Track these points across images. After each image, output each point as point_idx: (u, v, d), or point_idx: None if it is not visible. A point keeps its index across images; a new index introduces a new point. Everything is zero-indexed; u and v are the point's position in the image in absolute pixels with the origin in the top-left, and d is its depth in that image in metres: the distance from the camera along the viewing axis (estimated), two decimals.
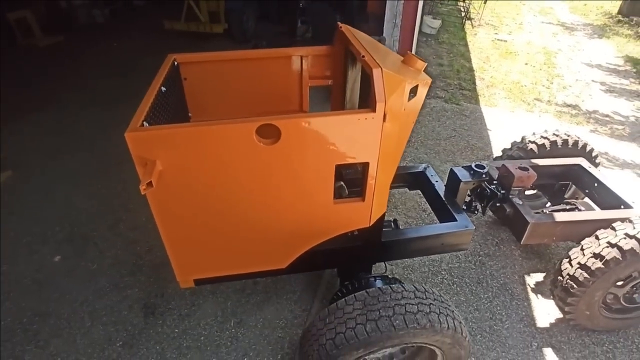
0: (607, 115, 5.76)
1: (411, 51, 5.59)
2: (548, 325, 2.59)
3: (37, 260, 2.92)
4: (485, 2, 9.65)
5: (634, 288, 2.33)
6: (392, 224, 2.53)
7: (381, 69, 1.47)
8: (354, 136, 1.53)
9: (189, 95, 2.24)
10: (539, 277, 2.94)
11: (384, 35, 5.32)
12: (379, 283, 2.10)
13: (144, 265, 2.89)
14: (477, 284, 2.86)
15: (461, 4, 10.56)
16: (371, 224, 1.88)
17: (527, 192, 3.36)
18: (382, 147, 1.59)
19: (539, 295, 2.78)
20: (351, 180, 2.33)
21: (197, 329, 2.49)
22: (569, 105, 5.93)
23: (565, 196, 3.04)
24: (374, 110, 1.47)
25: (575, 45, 8.84)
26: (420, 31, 8.68)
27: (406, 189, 3.00)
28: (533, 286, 2.86)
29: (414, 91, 1.70)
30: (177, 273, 1.84)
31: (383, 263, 2.56)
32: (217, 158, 1.49)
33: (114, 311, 2.58)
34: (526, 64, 7.45)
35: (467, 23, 9.77)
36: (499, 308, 2.69)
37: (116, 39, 7.97)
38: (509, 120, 5.36)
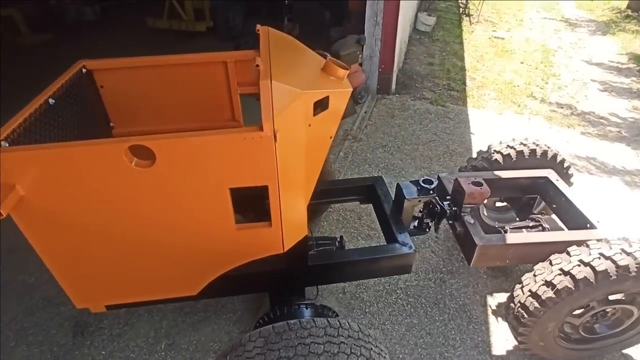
0: (602, 117, 5.46)
1: (394, 50, 5.37)
2: (504, 353, 2.38)
3: None
4: None
5: (594, 318, 2.12)
6: (336, 242, 2.36)
7: (270, 80, 1.29)
8: (244, 157, 1.35)
9: (109, 104, 2.08)
10: (502, 297, 2.73)
11: (364, 34, 5.09)
12: (304, 313, 1.92)
13: None
14: (434, 304, 2.67)
15: (460, 0, 10.24)
16: (287, 250, 1.70)
17: (498, 204, 3.15)
18: (280, 168, 1.41)
19: (499, 319, 2.58)
20: None
21: (126, 351, 2.34)
22: (562, 107, 5.64)
23: (535, 210, 2.82)
24: (261, 129, 1.29)
25: (576, 43, 8.47)
26: (414, 28, 8.43)
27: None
28: (494, 308, 2.65)
29: (324, 103, 1.52)
30: (73, 300, 1.69)
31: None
32: (88, 182, 1.33)
33: (42, 330, 2.45)
34: (522, 62, 7.14)
35: (465, 20, 9.45)
36: (453, 332, 2.49)
37: (103, 37, 7.88)
38: (495, 123, 5.11)
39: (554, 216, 2.59)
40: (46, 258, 1.50)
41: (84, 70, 1.88)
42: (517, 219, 2.87)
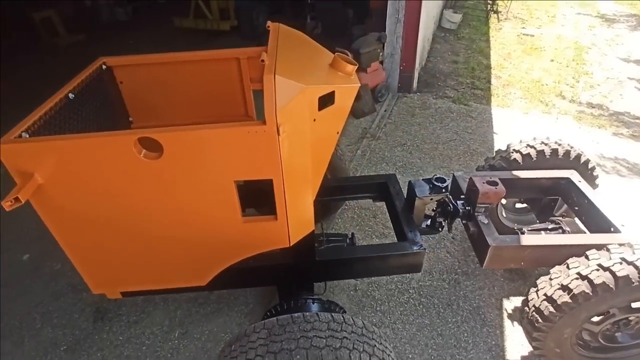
0: (637, 117, 5.18)
1: (416, 48, 5.29)
2: (519, 359, 2.31)
3: (6, 258, 2.98)
4: None
5: (616, 326, 2.02)
6: (347, 239, 2.35)
7: (273, 75, 1.30)
8: (248, 150, 1.38)
9: (128, 99, 2.16)
10: (518, 301, 2.64)
11: (385, 32, 5.04)
12: (311, 307, 1.93)
13: None
14: (447, 306, 2.62)
15: None
16: (294, 244, 1.71)
17: (518, 206, 3.05)
18: (285, 162, 1.42)
19: (515, 323, 2.50)
20: None
21: (142, 337, 2.43)
22: (593, 106, 5.39)
23: (557, 213, 2.71)
24: (264, 123, 1.31)
25: (613, 39, 8.05)
26: (439, 26, 8.26)
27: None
28: (510, 312, 2.58)
29: (331, 99, 1.53)
30: (90, 285, 1.77)
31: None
32: (100, 172, 1.39)
33: (65, 314, 2.58)
34: (552, 60, 6.87)
35: (493, 17, 9.17)
36: (466, 335, 2.44)
37: (133, 37, 8.17)
38: (520, 123, 4.94)
39: (576, 219, 2.49)
40: (63, 243, 1.58)
41: (104, 67, 1.96)
42: (538, 221, 2.77)
